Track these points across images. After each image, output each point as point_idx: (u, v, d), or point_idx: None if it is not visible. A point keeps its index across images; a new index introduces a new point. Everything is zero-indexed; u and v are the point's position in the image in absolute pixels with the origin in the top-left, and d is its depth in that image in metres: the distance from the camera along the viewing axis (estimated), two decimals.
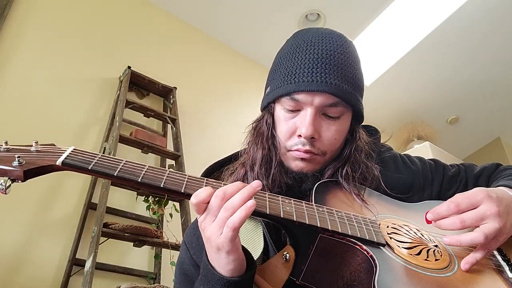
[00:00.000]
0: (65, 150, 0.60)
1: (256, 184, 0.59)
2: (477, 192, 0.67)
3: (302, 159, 0.76)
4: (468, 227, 0.64)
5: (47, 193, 1.89)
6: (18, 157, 0.56)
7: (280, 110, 0.79)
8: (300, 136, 0.75)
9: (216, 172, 0.87)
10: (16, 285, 1.63)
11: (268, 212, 0.61)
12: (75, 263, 1.79)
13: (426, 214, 0.69)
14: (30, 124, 1.97)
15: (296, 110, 0.77)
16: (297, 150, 0.76)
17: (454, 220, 0.64)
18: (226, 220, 0.56)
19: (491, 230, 0.63)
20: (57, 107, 2.13)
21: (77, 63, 2.33)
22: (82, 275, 1.65)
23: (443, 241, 0.66)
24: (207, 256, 0.62)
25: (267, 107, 0.83)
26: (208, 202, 0.58)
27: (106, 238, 1.80)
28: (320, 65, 0.74)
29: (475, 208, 0.65)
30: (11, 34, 2.14)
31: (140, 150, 2.20)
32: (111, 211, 2.00)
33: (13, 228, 1.73)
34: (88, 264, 1.59)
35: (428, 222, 0.69)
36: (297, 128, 0.76)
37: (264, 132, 0.82)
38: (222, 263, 0.59)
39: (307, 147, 0.75)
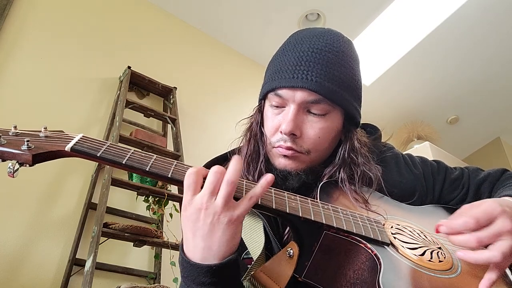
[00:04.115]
0: (74, 137, 0.61)
1: (237, 157, 0.59)
2: (493, 206, 0.63)
3: (284, 156, 0.76)
4: (483, 245, 0.61)
5: (47, 193, 1.89)
6: (27, 141, 0.56)
7: (268, 107, 0.80)
8: (282, 132, 0.75)
9: None
10: (16, 285, 1.63)
11: (274, 207, 0.61)
12: (75, 263, 1.79)
13: (438, 226, 0.64)
14: (29, 124, 1.95)
15: (281, 107, 0.77)
16: (279, 146, 0.76)
17: (470, 238, 0.60)
18: (231, 194, 0.55)
19: (507, 249, 0.59)
20: (57, 107, 2.13)
21: (77, 63, 2.33)
22: (82, 275, 1.64)
23: (456, 255, 0.62)
24: (184, 252, 0.58)
25: (259, 105, 0.85)
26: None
27: (106, 238, 1.79)
28: (304, 62, 0.74)
29: (491, 224, 0.61)
30: (11, 34, 2.14)
31: (140, 150, 2.20)
32: (111, 211, 1.99)
33: (13, 228, 1.72)
34: (88, 264, 1.58)
35: (438, 232, 0.65)
36: (280, 124, 0.76)
37: (253, 128, 0.84)
38: (225, 241, 0.55)
39: (289, 144, 0.75)
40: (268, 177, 0.57)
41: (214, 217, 0.55)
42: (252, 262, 0.68)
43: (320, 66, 0.74)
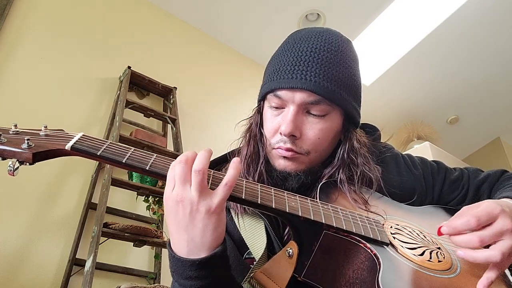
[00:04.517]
0: (74, 135, 0.61)
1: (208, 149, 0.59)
2: (493, 206, 0.63)
3: (284, 157, 0.76)
4: (485, 245, 0.60)
5: (47, 193, 1.89)
6: (28, 139, 0.57)
7: (267, 108, 0.80)
8: (281, 133, 0.75)
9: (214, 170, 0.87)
10: (16, 285, 1.63)
11: (273, 206, 0.61)
12: (75, 263, 1.79)
13: (440, 227, 0.64)
14: (29, 124, 1.95)
15: (281, 108, 0.77)
16: (279, 148, 0.75)
17: (472, 238, 0.60)
18: (201, 182, 0.55)
19: (507, 248, 0.59)
20: (57, 107, 2.13)
21: (77, 63, 2.33)
22: (82, 275, 1.64)
23: (457, 254, 0.62)
24: (171, 248, 0.59)
25: (258, 105, 0.85)
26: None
27: (106, 238, 1.79)
28: (303, 63, 0.74)
29: (491, 224, 0.61)
30: (11, 34, 2.14)
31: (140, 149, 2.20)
32: (111, 211, 1.99)
33: (13, 228, 1.72)
34: (88, 264, 1.58)
35: (440, 234, 0.65)
36: (280, 125, 0.76)
37: (252, 129, 0.83)
38: (208, 232, 0.55)
39: (288, 145, 0.74)
40: (235, 159, 0.59)
41: (192, 207, 0.55)
42: (254, 263, 0.68)
43: (319, 66, 0.74)
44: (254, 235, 0.73)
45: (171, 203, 0.56)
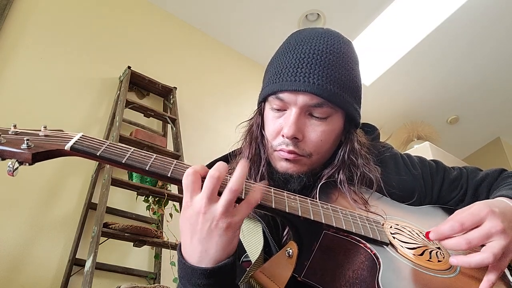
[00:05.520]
0: (74, 136, 0.61)
1: (243, 162, 0.58)
2: (480, 208, 0.63)
3: (286, 159, 0.75)
4: (474, 247, 0.61)
5: (47, 193, 1.89)
6: (27, 140, 0.57)
7: (269, 110, 0.80)
8: (284, 136, 0.74)
9: None
10: (16, 284, 1.63)
11: (273, 206, 0.60)
12: (75, 263, 1.79)
13: (427, 233, 0.65)
14: (29, 124, 1.95)
15: (282, 110, 0.77)
16: (281, 150, 0.75)
17: (460, 240, 0.61)
18: (232, 201, 0.55)
19: (498, 249, 0.59)
20: (57, 107, 2.13)
21: (77, 63, 2.33)
22: (82, 275, 1.64)
23: (450, 261, 0.63)
24: (181, 253, 0.59)
25: (259, 107, 0.84)
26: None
27: (106, 238, 1.79)
28: (305, 65, 0.74)
29: (479, 226, 0.62)
30: (11, 34, 2.14)
31: (140, 150, 2.20)
32: (111, 211, 1.99)
33: (13, 228, 1.72)
34: (88, 264, 1.58)
35: (429, 239, 0.66)
36: (282, 128, 0.75)
37: (254, 131, 0.83)
38: (222, 246, 0.56)
39: (291, 148, 0.74)
40: (262, 182, 0.58)
41: (212, 222, 0.55)
42: (251, 265, 0.68)
43: (322, 69, 0.73)
44: (251, 237, 0.74)
45: (192, 212, 0.56)
